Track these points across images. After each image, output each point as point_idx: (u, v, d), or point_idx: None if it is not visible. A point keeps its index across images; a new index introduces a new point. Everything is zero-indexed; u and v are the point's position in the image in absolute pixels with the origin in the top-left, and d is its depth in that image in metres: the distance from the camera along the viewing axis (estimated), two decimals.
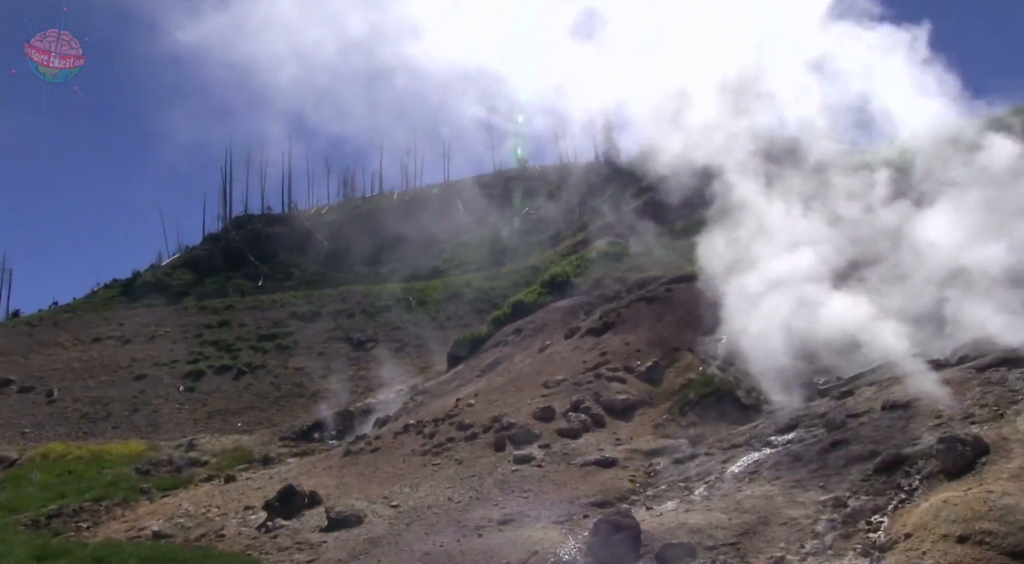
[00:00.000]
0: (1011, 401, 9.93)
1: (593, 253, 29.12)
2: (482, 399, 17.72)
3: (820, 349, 14.33)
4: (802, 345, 14.44)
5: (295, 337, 36.09)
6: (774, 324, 14.71)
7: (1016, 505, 7.40)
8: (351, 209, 60.07)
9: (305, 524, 12.43)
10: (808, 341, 14.34)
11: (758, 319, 15.15)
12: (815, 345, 14.32)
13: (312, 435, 24.65)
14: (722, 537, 8.94)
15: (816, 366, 14.59)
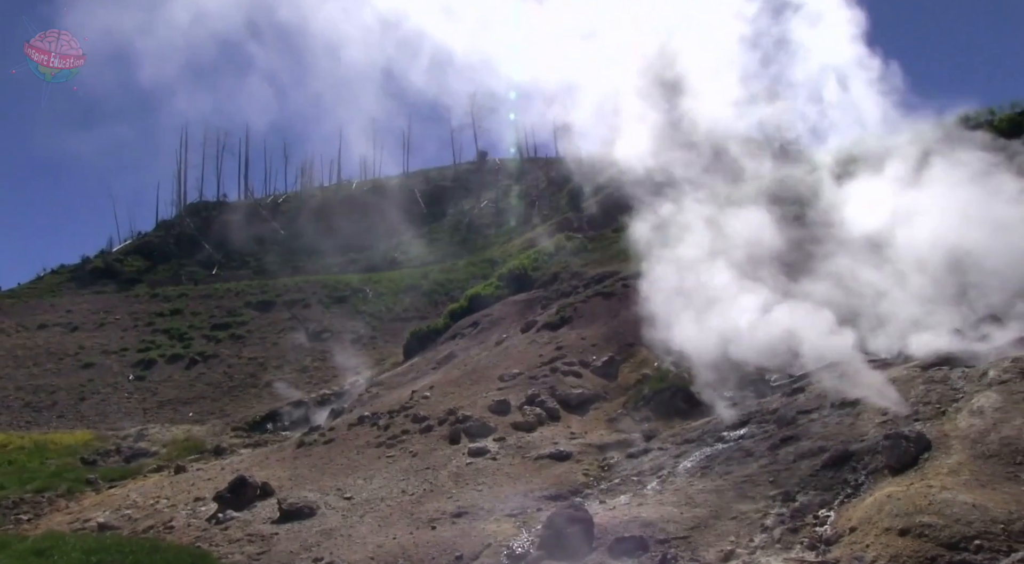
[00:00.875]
0: (952, 399, 10.21)
1: (551, 247, 29.19)
2: (438, 392, 17.68)
3: (771, 347, 14.58)
4: (752, 343, 14.68)
5: (249, 326, 35.65)
6: (726, 322, 14.94)
7: (954, 499, 7.62)
8: (309, 198, 59.39)
9: (257, 516, 12.29)
10: (758, 339, 14.58)
11: (711, 317, 15.37)
12: (766, 343, 14.57)
13: (265, 426, 24.39)
14: (673, 531, 9.05)
15: (767, 364, 14.84)
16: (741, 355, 14.69)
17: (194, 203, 60.01)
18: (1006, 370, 10.28)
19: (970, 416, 9.38)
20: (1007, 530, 7.14)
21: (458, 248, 47.32)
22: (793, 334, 13.89)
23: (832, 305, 14.21)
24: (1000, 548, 6.98)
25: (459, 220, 51.68)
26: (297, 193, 62.19)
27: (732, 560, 8.25)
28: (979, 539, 7.11)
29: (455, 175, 58.94)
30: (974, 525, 7.25)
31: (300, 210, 56.55)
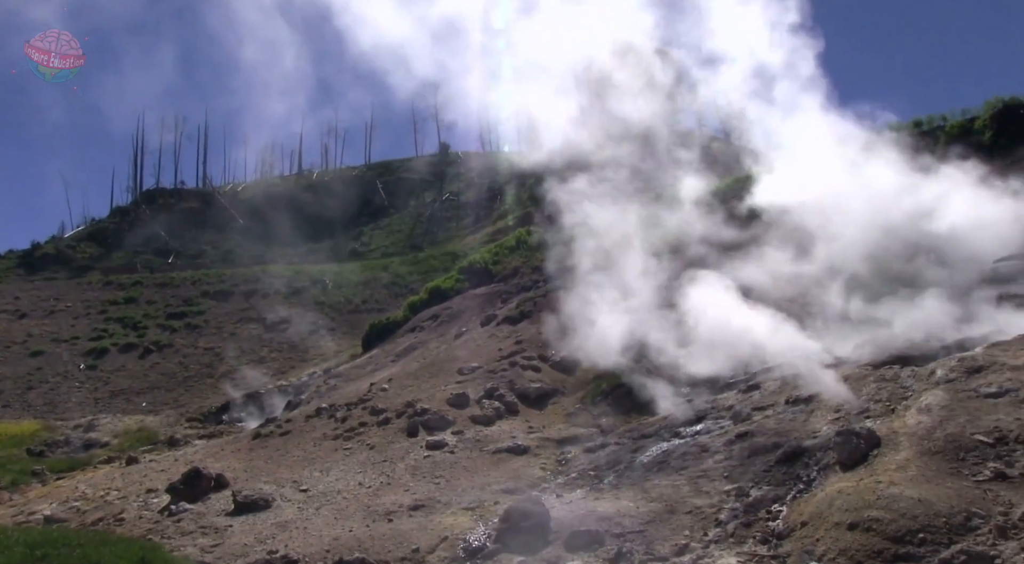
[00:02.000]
0: (902, 397, 10.44)
1: (512, 241, 29.21)
2: (396, 384, 17.62)
3: (726, 344, 14.78)
4: (708, 340, 14.88)
5: (206, 316, 35.14)
6: (682, 318, 15.13)
7: (901, 494, 7.81)
8: (268, 187, 58.65)
9: (211, 508, 12.14)
10: (714, 336, 14.78)
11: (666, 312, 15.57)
12: (722, 340, 14.77)
13: (221, 417, 24.10)
14: (629, 525, 9.14)
15: (723, 360, 15.05)
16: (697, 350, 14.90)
17: (150, 190, 58.91)
18: (952, 369, 10.54)
19: (918, 414, 9.60)
20: (948, 523, 7.34)
21: (419, 240, 47.12)
22: (748, 331, 14.11)
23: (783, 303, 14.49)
24: (942, 541, 7.18)
25: (420, 212, 51.42)
26: (257, 182, 61.35)
27: (686, 554, 8.35)
28: (923, 532, 7.30)
29: (417, 167, 58.61)
30: (919, 519, 7.44)
31: (260, 199, 55.80)
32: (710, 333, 14.75)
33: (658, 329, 15.58)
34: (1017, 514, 7.22)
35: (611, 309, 17.03)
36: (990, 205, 15.04)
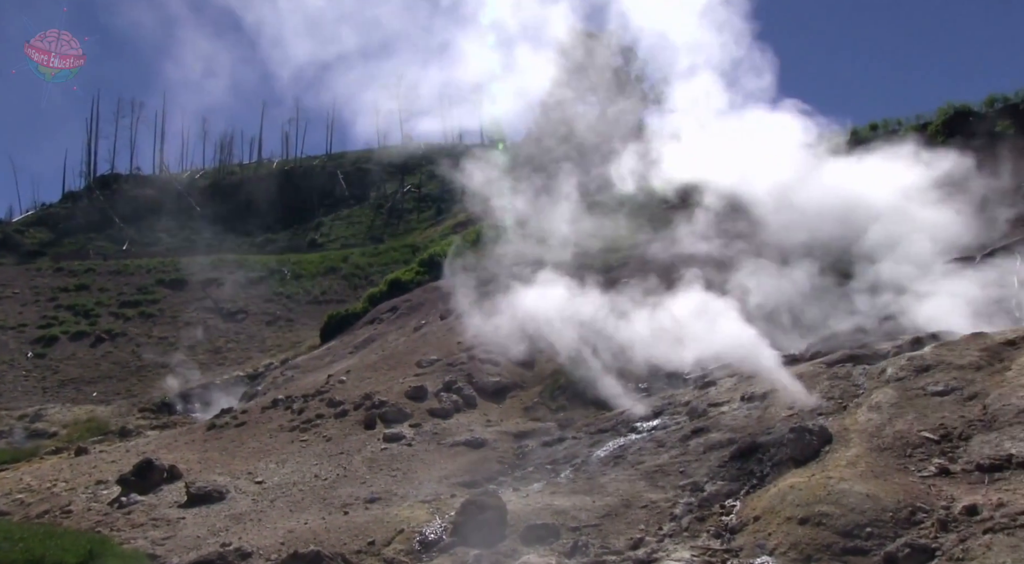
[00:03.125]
0: (854, 395, 10.67)
1: (473, 235, 29.16)
2: (354, 376, 17.51)
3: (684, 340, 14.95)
4: (666, 336, 15.04)
5: (161, 305, 34.53)
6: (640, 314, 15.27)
7: (850, 489, 7.99)
8: (227, 175, 57.74)
9: (163, 500, 11.95)
10: (672, 332, 14.94)
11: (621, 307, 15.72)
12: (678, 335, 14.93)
13: (175, 407, 23.70)
14: (585, 519, 9.20)
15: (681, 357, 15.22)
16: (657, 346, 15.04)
17: (105, 175, 57.58)
18: (902, 368, 10.80)
19: (869, 411, 9.82)
20: (895, 518, 7.54)
21: (380, 232, 46.84)
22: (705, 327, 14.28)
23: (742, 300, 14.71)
24: (888, 534, 7.37)
25: (381, 204, 51.08)
26: (216, 170, 60.31)
27: (641, 548, 8.44)
28: (870, 526, 7.48)
29: (379, 158, 58.17)
30: (867, 514, 7.62)
31: (218, 187, 54.94)
32: (667, 329, 14.90)
33: (613, 325, 15.72)
34: (958, 508, 7.44)
35: (568, 304, 17.13)
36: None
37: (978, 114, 20.55)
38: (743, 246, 16.98)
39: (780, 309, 15.06)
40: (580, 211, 19.42)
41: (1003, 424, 8.70)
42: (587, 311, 16.56)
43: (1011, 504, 7.22)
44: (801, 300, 15.18)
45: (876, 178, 16.29)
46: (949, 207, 15.39)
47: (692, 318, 14.51)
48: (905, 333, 12.60)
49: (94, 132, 59.08)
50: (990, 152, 18.14)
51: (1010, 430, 8.53)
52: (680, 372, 14.90)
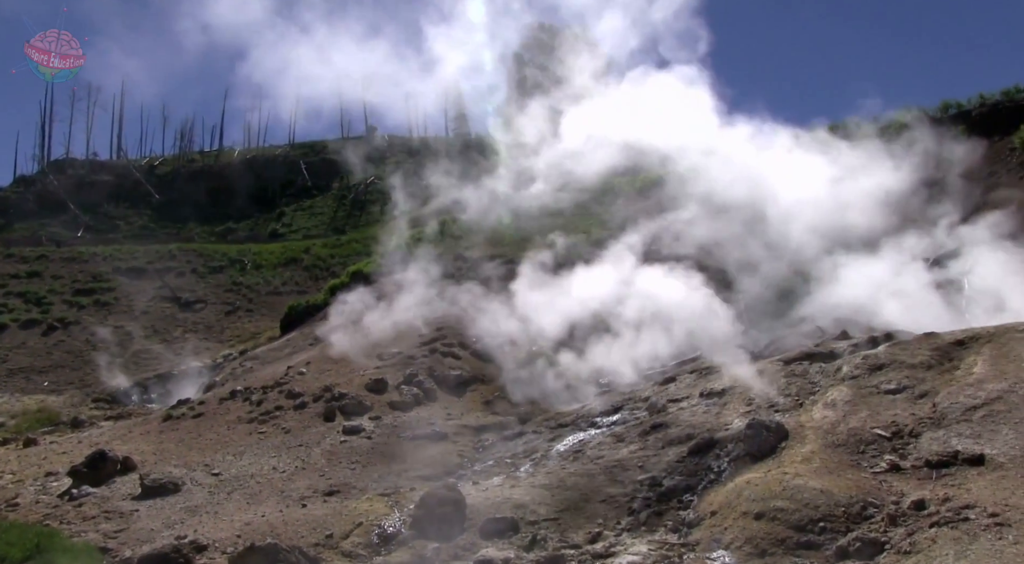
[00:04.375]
0: (810, 392, 10.86)
1: (436, 227, 29.10)
2: (314, 368, 17.38)
3: (646, 336, 15.09)
4: (627, 332, 15.17)
5: (117, 293, 33.80)
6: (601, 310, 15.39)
7: (804, 485, 8.14)
8: (187, 163, 56.71)
9: (116, 492, 11.75)
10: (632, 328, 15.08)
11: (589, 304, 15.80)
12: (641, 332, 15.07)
13: (130, 398, 23.27)
14: (544, 512, 9.25)
15: (641, 352, 15.35)
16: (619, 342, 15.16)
17: (59, 160, 56.08)
18: (857, 366, 11.02)
19: (824, 408, 10.00)
20: (847, 513, 7.70)
21: (342, 223, 46.42)
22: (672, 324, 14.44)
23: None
24: (840, 529, 7.53)
25: (344, 195, 50.65)
26: (175, 157, 59.19)
27: (599, 541, 8.51)
28: (823, 521, 7.64)
29: (343, 149, 57.62)
30: (820, 509, 7.77)
31: (177, 175, 53.97)
32: (628, 325, 15.03)
33: (574, 318, 15.82)
34: (907, 503, 7.63)
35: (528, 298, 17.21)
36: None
37: (934, 118, 21.00)
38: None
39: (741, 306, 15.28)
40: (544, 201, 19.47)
41: (951, 422, 8.92)
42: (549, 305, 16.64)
43: (955, 499, 7.42)
44: (759, 298, 15.42)
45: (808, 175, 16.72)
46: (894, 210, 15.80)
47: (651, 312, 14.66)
48: (860, 332, 12.88)
49: (48, 115, 57.52)
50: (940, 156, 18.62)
51: (957, 427, 8.76)
52: (641, 368, 15.04)
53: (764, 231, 16.37)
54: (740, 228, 16.53)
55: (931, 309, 13.52)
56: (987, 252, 14.75)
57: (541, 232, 20.77)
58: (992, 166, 18.55)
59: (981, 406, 8.99)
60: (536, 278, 17.76)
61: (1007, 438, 8.28)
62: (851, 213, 15.99)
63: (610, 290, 15.74)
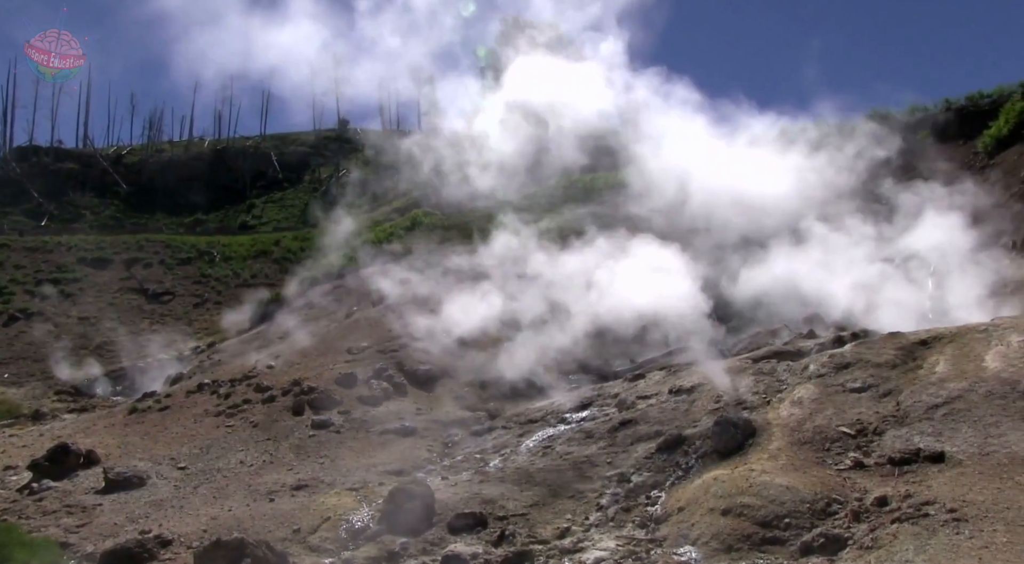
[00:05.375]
0: (777, 390, 10.99)
1: (407, 222, 28.99)
2: (283, 361, 17.25)
3: (614, 333, 15.19)
4: (596, 328, 15.25)
5: (82, 284, 33.25)
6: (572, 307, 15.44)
7: (771, 482, 8.24)
8: (156, 152, 55.89)
9: (79, 486, 11.58)
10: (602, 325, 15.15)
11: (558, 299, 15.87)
12: (610, 329, 15.16)
13: (94, 390, 22.92)
14: (513, 508, 9.27)
15: (611, 349, 15.46)
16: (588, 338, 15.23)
17: (22, 146, 54.96)
18: (823, 364, 11.16)
19: (791, 406, 10.13)
20: (812, 509, 7.82)
21: (312, 216, 46.09)
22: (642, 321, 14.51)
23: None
24: (804, 525, 7.64)
25: (315, 188, 50.27)
26: (144, 146, 58.27)
27: (567, 537, 8.55)
28: (788, 517, 7.74)
29: (314, 142, 57.13)
30: (786, 505, 7.88)
31: (146, 165, 53.19)
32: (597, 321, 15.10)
33: (546, 315, 15.87)
34: (870, 499, 7.76)
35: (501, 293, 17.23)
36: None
37: (900, 122, 21.31)
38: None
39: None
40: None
41: (913, 420, 9.08)
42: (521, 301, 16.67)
43: (916, 495, 7.56)
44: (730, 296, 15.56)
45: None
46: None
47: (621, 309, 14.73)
48: (827, 331, 13.06)
49: (10, 100, 56.38)
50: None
51: (919, 426, 8.92)
52: (611, 364, 15.12)
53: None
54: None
55: (893, 308, 13.69)
56: (948, 250, 15.04)
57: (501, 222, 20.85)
58: (957, 169, 18.81)
59: (942, 405, 9.16)
60: (504, 270, 17.80)
61: (966, 436, 8.45)
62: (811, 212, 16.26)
63: (579, 282, 15.75)
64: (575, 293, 15.63)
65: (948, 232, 15.49)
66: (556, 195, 22.78)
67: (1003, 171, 17.83)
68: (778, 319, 14.92)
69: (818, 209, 16.40)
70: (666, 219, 17.14)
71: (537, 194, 22.11)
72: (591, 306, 15.18)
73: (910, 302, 13.82)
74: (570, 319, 15.64)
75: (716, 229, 16.82)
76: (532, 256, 17.45)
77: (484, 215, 23.69)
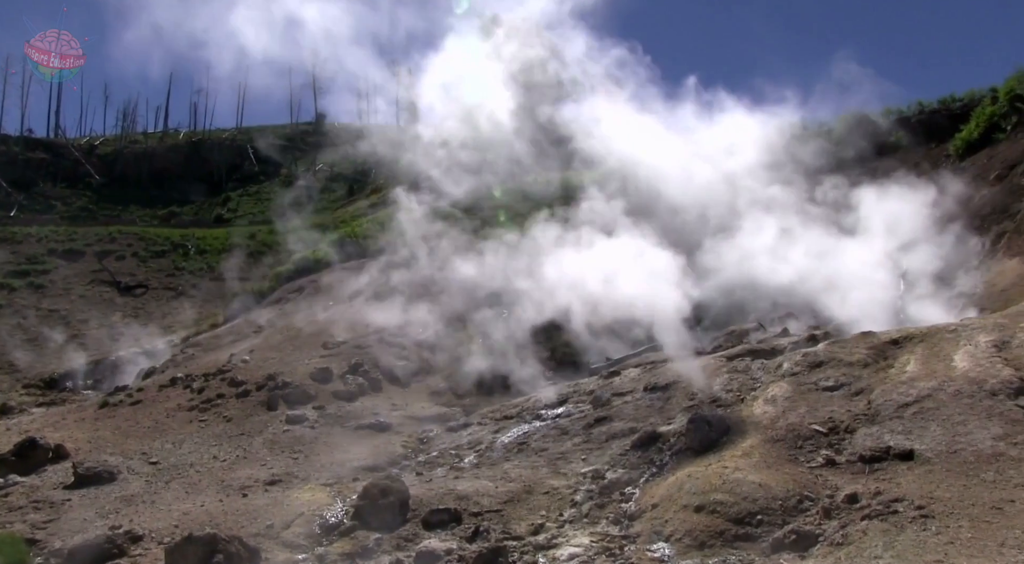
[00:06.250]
0: (751, 387, 11.08)
1: (385, 217, 28.86)
2: (257, 356, 17.13)
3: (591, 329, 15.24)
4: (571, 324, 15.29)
5: (52, 276, 32.81)
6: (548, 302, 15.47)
7: (744, 479, 8.31)
8: (130, 144, 55.22)
9: (47, 481, 11.43)
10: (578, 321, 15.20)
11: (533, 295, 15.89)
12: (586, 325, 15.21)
13: (64, 384, 22.61)
14: (487, 504, 9.27)
15: (585, 344, 15.51)
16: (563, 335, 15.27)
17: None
18: (797, 363, 11.27)
19: (764, 404, 10.22)
20: (784, 506, 7.89)
21: (289, 210, 45.75)
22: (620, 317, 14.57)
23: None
24: (776, 522, 7.71)
25: (292, 181, 49.94)
26: (117, 137, 57.52)
27: (541, 533, 8.56)
28: (760, 514, 7.81)
29: (291, 135, 56.76)
30: (758, 502, 7.94)
31: (119, 156, 52.55)
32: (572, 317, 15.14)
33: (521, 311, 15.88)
34: (840, 497, 7.85)
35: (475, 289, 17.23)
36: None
37: (875, 123, 21.57)
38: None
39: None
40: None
41: (884, 418, 9.20)
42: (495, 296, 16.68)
43: (886, 492, 7.66)
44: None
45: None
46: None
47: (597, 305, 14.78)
48: (802, 329, 13.20)
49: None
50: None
51: (890, 424, 9.04)
52: (586, 361, 15.17)
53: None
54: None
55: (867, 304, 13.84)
56: (917, 251, 15.26)
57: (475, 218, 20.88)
58: (929, 171, 19.04)
59: (912, 403, 9.28)
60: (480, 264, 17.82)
61: (935, 434, 8.58)
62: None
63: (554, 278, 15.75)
64: (550, 289, 15.64)
65: (918, 232, 15.70)
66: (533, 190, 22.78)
67: (972, 174, 18.09)
68: (752, 317, 15.06)
69: (792, 207, 16.52)
70: (643, 216, 17.19)
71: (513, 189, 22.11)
72: (566, 302, 15.21)
73: (881, 301, 13.97)
74: (545, 315, 15.67)
75: (687, 228, 16.88)
76: (506, 250, 17.43)
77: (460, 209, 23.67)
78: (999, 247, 14.92)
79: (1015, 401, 8.87)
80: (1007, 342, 10.10)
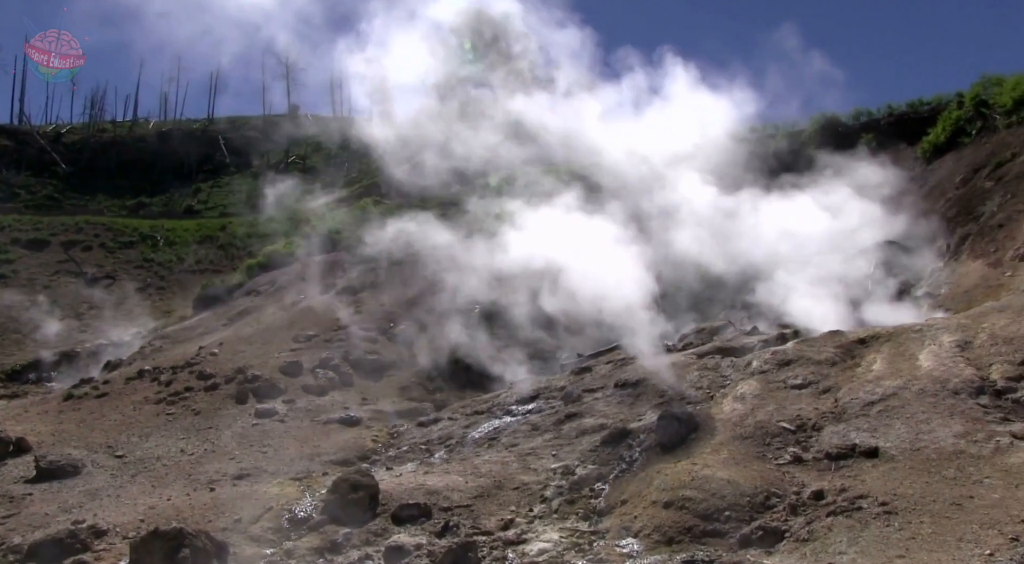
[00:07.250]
0: (720, 385, 11.18)
1: (357, 211, 28.72)
2: (227, 349, 16.96)
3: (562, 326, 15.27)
4: (546, 321, 15.30)
5: (16, 266, 32.21)
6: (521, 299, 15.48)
7: (712, 475, 8.40)
8: (97, 132, 54.28)
9: (7, 475, 11.26)
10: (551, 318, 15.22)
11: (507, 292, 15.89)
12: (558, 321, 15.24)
13: (27, 376, 22.22)
14: (457, 499, 9.27)
15: (559, 341, 15.54)
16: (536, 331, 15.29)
17: None
18: (766, 361, 11.38)
19: (733, 401, 10.31)
20: (751, 502, 7.99)
21: (260, 202, 45.32)
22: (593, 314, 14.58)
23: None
24: (744, 517, 7.81)
25: (263, 173, 49.45)
26: (84, 125, 56.53)
27: (511, 528, 8.58)
28: (728, 510, 7.90)
29: (264, 126, 56.16)
30: (726, 498, 8.03)
31: (87, 144, 51.66)
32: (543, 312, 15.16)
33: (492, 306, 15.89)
34: (807, 493, 7.96)
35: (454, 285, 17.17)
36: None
37: (845, 125, 21.83)
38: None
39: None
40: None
41: (850, 416, 9.33)
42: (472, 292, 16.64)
43: (851, 489, 7.79)
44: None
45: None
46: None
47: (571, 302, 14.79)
48: (771, 327, 13.32)
49: None
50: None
51: (856, 422, 9.17)
52: (558, 358, 15.20)
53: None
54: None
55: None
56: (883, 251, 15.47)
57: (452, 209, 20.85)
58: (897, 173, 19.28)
59: (878, 402, 9.43)
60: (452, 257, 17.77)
61: (899, 432, 8.72)
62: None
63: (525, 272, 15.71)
64: (520, 283, 15.64)
65: (884, 234, 15.91)
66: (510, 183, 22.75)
67: (939, 177, 18.37)
68: (722, 315, 15.19)
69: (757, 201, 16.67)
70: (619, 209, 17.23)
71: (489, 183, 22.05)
72: (537, 297, 15.22)
73: (848, 300, 14.13)
74: (516, 310, 15.67)
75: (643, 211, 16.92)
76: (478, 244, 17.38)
77: (437, 202, 23.62)
78: (963, 249, 15.16)
79: (976, 400, 9.06)
80: (969, 342, 10.29)
